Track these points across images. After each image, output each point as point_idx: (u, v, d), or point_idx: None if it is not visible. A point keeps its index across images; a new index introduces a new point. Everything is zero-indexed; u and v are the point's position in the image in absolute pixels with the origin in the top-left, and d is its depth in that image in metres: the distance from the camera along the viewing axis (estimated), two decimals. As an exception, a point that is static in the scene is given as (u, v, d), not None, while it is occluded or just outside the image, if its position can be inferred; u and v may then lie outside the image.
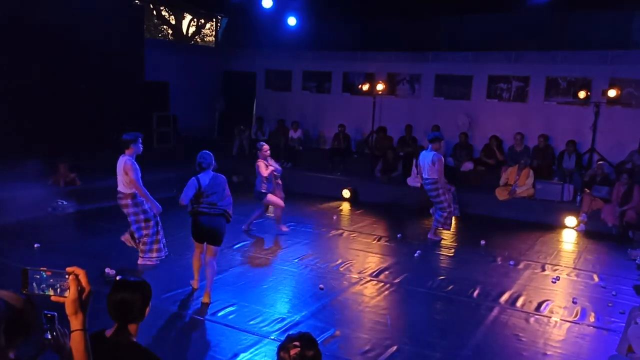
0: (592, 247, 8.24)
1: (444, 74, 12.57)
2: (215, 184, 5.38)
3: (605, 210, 8.87)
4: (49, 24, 10.02)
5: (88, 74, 10.77)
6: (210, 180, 5.39)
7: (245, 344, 4.56)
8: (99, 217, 8.57)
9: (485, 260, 7.31)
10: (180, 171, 11.31)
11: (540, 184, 9.97)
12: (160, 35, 23.15)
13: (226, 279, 6.17)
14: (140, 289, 2.36)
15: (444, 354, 4.58)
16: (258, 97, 15.24)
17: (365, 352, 4.52)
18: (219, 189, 5.38)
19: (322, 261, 6.94)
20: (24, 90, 9.73)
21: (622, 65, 10.75)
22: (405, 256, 7.36)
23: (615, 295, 6.06)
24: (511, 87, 11.94)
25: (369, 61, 13.32)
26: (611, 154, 10.48)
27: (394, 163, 11.47)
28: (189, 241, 7.42)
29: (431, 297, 5.92)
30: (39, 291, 1.77)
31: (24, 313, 1.79)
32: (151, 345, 2.38)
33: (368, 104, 12.77)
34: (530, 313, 5.50)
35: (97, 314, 2.57)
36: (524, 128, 11.16)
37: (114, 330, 2.32)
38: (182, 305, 5.31)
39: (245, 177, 12.26)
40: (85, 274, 1.78)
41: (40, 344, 1.85)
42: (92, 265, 6.19)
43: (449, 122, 12.01)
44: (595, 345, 4.86)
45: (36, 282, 1.78)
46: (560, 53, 11.48)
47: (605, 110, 10.61)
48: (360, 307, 5.67)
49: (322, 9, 12.97)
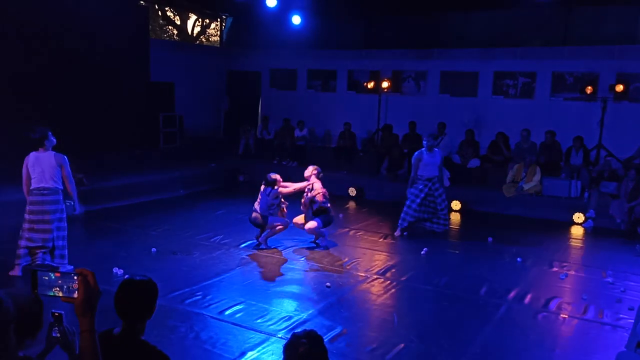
0: (600, 244, 8.19)
1: (450, 71, 12.54)
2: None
3: (613, 206, 8.82)
4: (54, 25, 10.09)
5: (94, 75, 10.81)
6: None
7: (252, 342, 4.57)
8: (107, 217, 8.62)
9: (493, 258, 7.28)
10: (186, 171, 11.38)
11: (547, 181, 9.92)
12: (166, 36, 23.20)
13: (233, 277, 6.18)
14: (147, 288, 2.38)
15: (451, 351, 4.56)
16: (263, 97, 15.26)
17: (373, 349, 4.52)
18: None
19: (329, 259, 6.94)
20: (30, 91, 9.80)
21: (629, 60, 10.68)
22: (412, 254, 7.34)
23: (623, 291, 6.02)
24: (517, 84, 11.89)
25: (374, 59, 13.30)
26: (619, 149, 10.41)
27: (399, 161, 11.45)
28: (194, 241, 7.49)
29: (438, 294, 5.91)
30: (48, 292, 1.79)
31: (32, 312, 1.81)
32: (159, 343, 2.39)
33: (373, 102, 12.75)
34: (538, 310, 5.48)
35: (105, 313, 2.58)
36: (531, 124, 11.11)
37: (121, 329, 2.34)
38: (189, 304, 5.33)
39: (252, 176, 12.30)
40: (93, 275, 1.79)
41: (48, 342, 1.87)
42: (100, 264, 6.23)
43: (455, 119, 11.97)
44: (604, 342, 4.83)
45: (45, 283, 1.80)
46: (567, 48, 11.41)
47: (612, 105, 10.54)
48: (367, 305, 5.67)
49: (326, 8, 12.97)
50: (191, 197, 10.54)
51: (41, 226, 5.80)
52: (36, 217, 5.79)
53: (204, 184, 11.42)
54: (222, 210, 9.43)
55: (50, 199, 5.81)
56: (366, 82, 12.99)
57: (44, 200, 5.78)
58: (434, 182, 8.05)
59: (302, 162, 12.47)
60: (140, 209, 9.31)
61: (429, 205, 8.12)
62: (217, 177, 12.00)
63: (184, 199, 10.34)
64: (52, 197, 5.81)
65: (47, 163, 5.77)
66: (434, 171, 8.03)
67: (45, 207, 5.80)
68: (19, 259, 5.77)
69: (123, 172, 10.26)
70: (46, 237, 5.82)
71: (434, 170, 8.03)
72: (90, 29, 10.59)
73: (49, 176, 5.77)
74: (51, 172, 5.78)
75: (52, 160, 5.79)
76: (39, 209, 5.79)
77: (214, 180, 11.80)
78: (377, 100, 12.61)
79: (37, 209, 5.79)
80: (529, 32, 12.05)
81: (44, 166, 5.76)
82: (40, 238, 5.80)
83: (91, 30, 10.62)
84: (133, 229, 8.03)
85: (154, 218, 8.66)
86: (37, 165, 5.76)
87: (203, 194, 10.87)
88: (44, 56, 10.00)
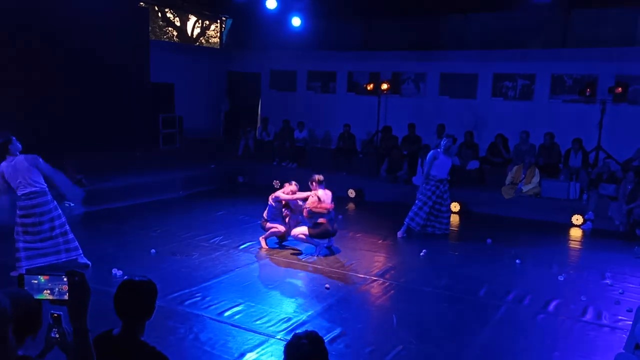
0: (598, 245, 8.20)
1: (449, 73, 12.55)
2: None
3: (612, 208, 8.83)
4: (54, 27, 10.09)
5: (94, 76, 10.82)
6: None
7: (251, 343, 4.57)
8: (106, 218, 8.62)
9: (492, 259, 7.28)
10: (185, 172, 11.39)
11: (546, 182, 9.93)
12: (166, 37, 23.22)
13: (232, 279, 6.18)
14: (147, 288, 2.39)
15: (450, 353, 4.57)
16: (263, 98, 15.27)
17: (372, 351, 4.52)
18: None
19: (328, 261, 6.94)
20: (30, 92, 9.80)
21: (628, 63, 10.70)
22: (411, 255, 7.35)
23: (622, 293, 6.03)
24: (516, 85, 11.91)
25: (374, 60, 13.32)
26: (618, 151, 10.42)
27: (399, 162, 11.46)
28: (194, 242, 7.49)
29: (437, 296, 5.91)
30: (38, 296, 1.80)
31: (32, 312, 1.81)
32: (158, 344, 2.40)
33: (373, 104, 12.76)
34: (537, 311, 5.48)
35: (105, 313, 2.59)
36: (530, 126, 11.13)
37: (121, 329, 2.34)
38: (188, 305, 5.33)
39: (251, 177, 12.31)
40: (83, 275, 1.79)
41: (47, 342, 1.88)
42: (99, 265, 6.24)
43: (454, 120, 11.99)
44: (602, 344, 4.83)
45: (35, 287, 1.80)
46: (566, 50, 11.44)
47: (611, 107, 10.55)
48: (366, 306, 5.67)
49: (326, 9, 12.98)
50: (191, 198, 10.55)
51: (36, 228, 5.83)
52: (29, 220, 5.81)
53: (203, 185, 11.43)
54: (221, 211, 9.43)
55: (39, 201, 5.82)
56: (366, 83, 13.01)
57: (33, 204, 5.80)
58: (444, 183, 8.10)
59: (301, 164, 12.49)
60: (139, 210, 9.31)
61: (434, 206, 8.16)
62: (217, 178, 12.00)
63: (184, 200, 10.34)
64: (40, 199, 5.82)
65: (22, 168, 5.71)
66: (446, 173, 8.08)
67: (36, 210, 5.82)
68: (19, 262, 5.78)
69: (123, 173, 10.26)
70: (43, 238, 5.84)
71: (446, 172, 8.08)
72: (90, 30, 10.60)
73: (32, 180, 5.75)
74: (30, 176, 5.73)
75: (25, 163, 5.73)
76: (30, 213, 5.81)
77: (214, 182, 11.80)
78: (377, 101, 12.62)
79: (28, 212, 5.80)
80: (529, 34, 12.07)
81: (22, 172, 5.71)
82: (37, 239, 5.82)
83: (91, 32, 10.62)
84: (132, 229, 8.03)
85: (153, 219, 8.66)
86: (14, 174, 5.70)
87: (202, 195, 10.87)
88: (43, 57, 10.00)
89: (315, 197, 7.01)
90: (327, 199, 7.07)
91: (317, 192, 7.07)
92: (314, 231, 6.97)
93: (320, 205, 6.95)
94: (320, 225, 6.95)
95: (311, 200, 7.03)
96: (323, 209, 6.95)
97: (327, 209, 6.96)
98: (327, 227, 6.98)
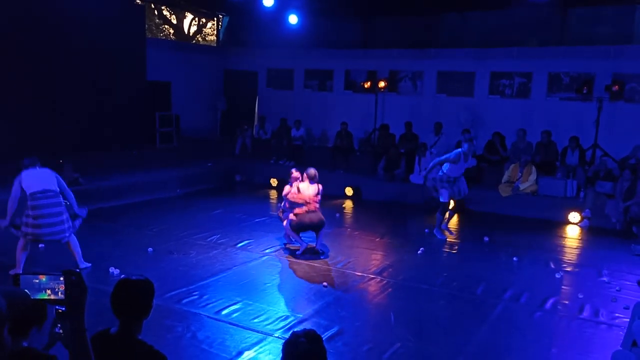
0: (595, 243, 8.22)
1: (446, 71, 12.56)
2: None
3: (608, 206, 8.85)
4: (50, 24, 10.06)
5: (90, 74, 10.79)
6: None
7: (249, 341, 4.57)
8: (103, 216, 8.59)
9: (489, 257, 7.30)
10: (182, 171, 11.36)
11: (543, 180, 9.95)
12: (162, 35, 23.16)
13: (230, 277, 6.18)
14: (144, 287, 2.38)
15: (447, 350, 4.57)
16: (260, 96, 15.25)
17: (369, 349, 4.52)
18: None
19: (326, 259, 6.94)
20: (26, 90, 9.77)
21: (625, 61, 10.71)
22: (409, 253, 7.35)
23: (619, 290, 6.04)
24: (513, 83, 11.92)
25: (371, 59, 13.32)
26: (614, 149, 10.45)
27: (396, 160, 11.46)
28: (191, 240, 7.48)
29: (435, 294, 5.92)
30: (40, 295, 1.80)
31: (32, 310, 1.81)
32: (155, 343, 2.39)
33: (370, 102, 12.76)
34: (534, 309, 5.49)
35: (102, 312, 2.59)
36: (527, 124, 11.14)
37: (118, 328, 2.33)
38: (185, 303, 5.32)
39: (248, 176, 12.29)
40: (79, 274, 1.79)
41: (51, 337, 1.88)
42: (96, 264, 6.22)
43: (451, 118, 11.99)
44: (600, 341, 4.84)
45: (32, 286, 1.80)
46: (563, 49, 11.45)
47: (608, 105, 10.57)
48: (363, 304, 5.67)
49: (323, 7, 12.97)
50: (188, 196, 10.52)
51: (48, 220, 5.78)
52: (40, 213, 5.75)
53: (200, 183, 11.40)
54: (218, 209, 9.42)
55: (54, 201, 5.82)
56: (363, 81, 13.00)
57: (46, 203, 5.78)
58: (456, 181, 8.15)
59: (299, 162, 12.46)
60: (136, 208, 9.29)
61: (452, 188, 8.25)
62: (214, 176, 11.98)
63: (181, 199, 10.32)
64: (55, 199, 5.83)
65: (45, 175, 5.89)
66: (461, 173, 8.15)
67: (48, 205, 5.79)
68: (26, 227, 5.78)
69: (119, 172, 10.23)
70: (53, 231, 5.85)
71: (461, 172, 8.16)
72: (86, 28, 10.56)
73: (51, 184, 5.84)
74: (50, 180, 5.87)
75: (48, 171, 5.90)
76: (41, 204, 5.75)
77: (211, 180, 11.78)
78: (374, 100, 12.61)
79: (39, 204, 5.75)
80: (525, 32, 12.08)
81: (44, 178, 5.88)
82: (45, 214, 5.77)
83: (87, 30, 10.58)
84: (129, 228, 8.02)
85: (150, 217, 8.64)
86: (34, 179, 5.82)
87: (199, 193, 10.86)
88: (39, 56, 9.96)
89: (295, 189, 7.13)
90: (309, 191, 7.09)
91: (300, 183, 7.16)
92: (293, 222, 7.03)
93: (298, 196, 7.05)
94: (298, 215, 7.00)
95: (290, 190, 7.21)
96: (300, 199, 7.04)
97: (305, 200, 7.02)
98: (304, 218, 6.98)
